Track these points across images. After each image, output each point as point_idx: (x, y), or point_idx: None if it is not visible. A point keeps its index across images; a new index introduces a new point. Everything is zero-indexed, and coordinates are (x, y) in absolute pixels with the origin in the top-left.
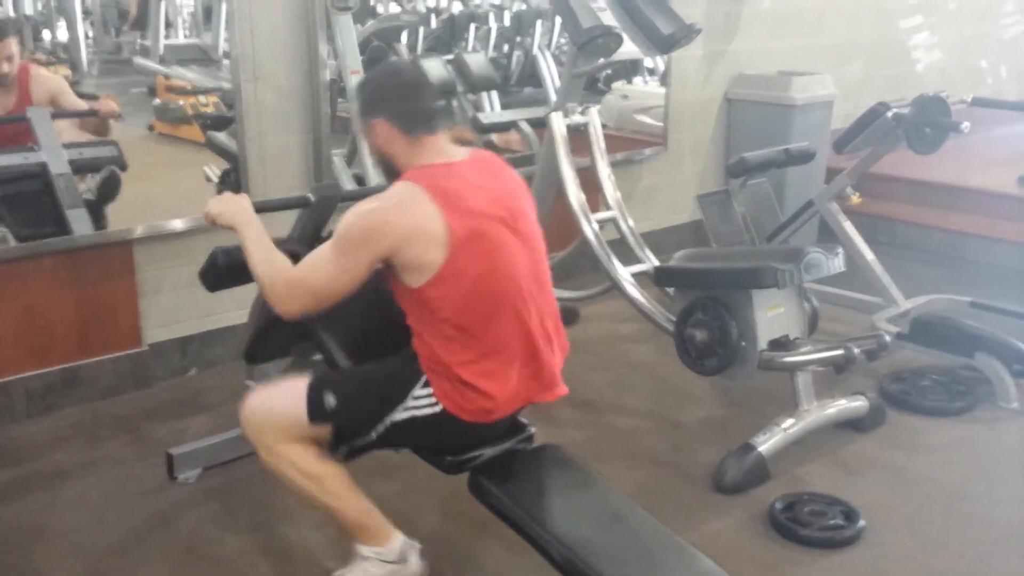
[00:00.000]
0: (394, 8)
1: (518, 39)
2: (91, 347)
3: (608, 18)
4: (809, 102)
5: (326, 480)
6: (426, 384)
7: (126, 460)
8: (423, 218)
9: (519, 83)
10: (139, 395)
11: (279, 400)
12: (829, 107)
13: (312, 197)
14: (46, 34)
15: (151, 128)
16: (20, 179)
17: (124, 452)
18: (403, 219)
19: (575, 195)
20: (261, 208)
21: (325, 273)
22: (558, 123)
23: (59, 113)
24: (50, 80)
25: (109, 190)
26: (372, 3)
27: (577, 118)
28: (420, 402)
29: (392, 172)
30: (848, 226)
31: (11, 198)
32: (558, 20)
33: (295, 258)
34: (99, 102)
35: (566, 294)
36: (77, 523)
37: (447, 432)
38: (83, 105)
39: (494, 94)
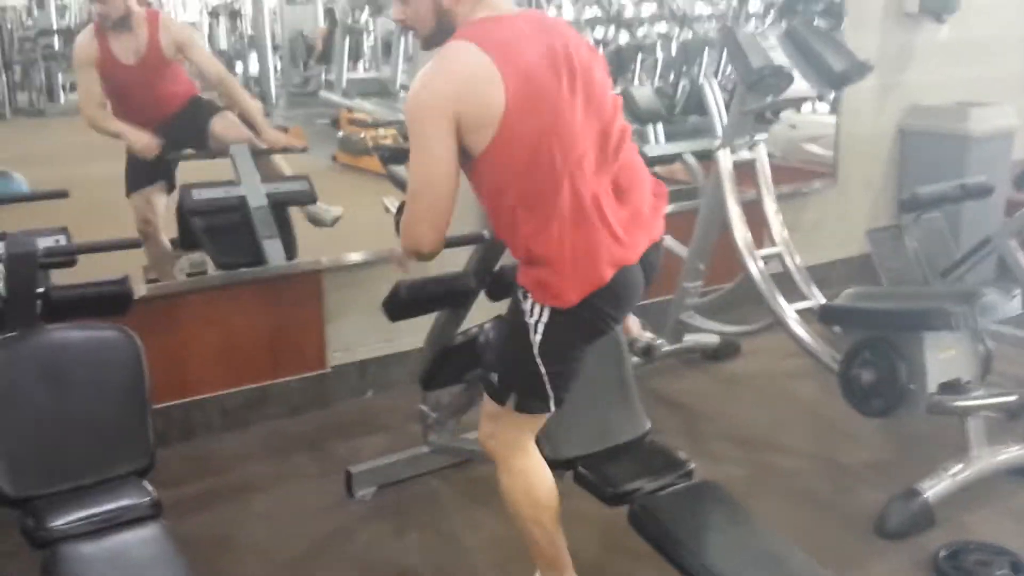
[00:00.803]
0: None
1: (684, 68)
2: (280, 368)
3: (779, 55)
4: (988, 134)
5: (544, 514)
6: (525, 295)
7: (309, 475)
8: (476, 67)
9: (684, 112)
10: (321, 414)
11: (486, 414)
12: (1010, 139)
13: (486, 234)
14: (239, 66)
15: (334, 159)
16: (221, 211)
17: (307, 468)
18: (456, 68)
19: (741, 232)
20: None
21: (421, 168)
22: (725, 159)
23: (260, 151)
24: (178, 30)
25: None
26: None
27: (744, 154)
28: (534, 316)
29: (446, 36)
30: None
31: (213, 228)
32: (725, 48)
33: (466, 294)
34: (288, 134)
35: (728, 328)
36: (262, 534)
37: (574, 328)
38: (212, 64)
39: (659, 124)
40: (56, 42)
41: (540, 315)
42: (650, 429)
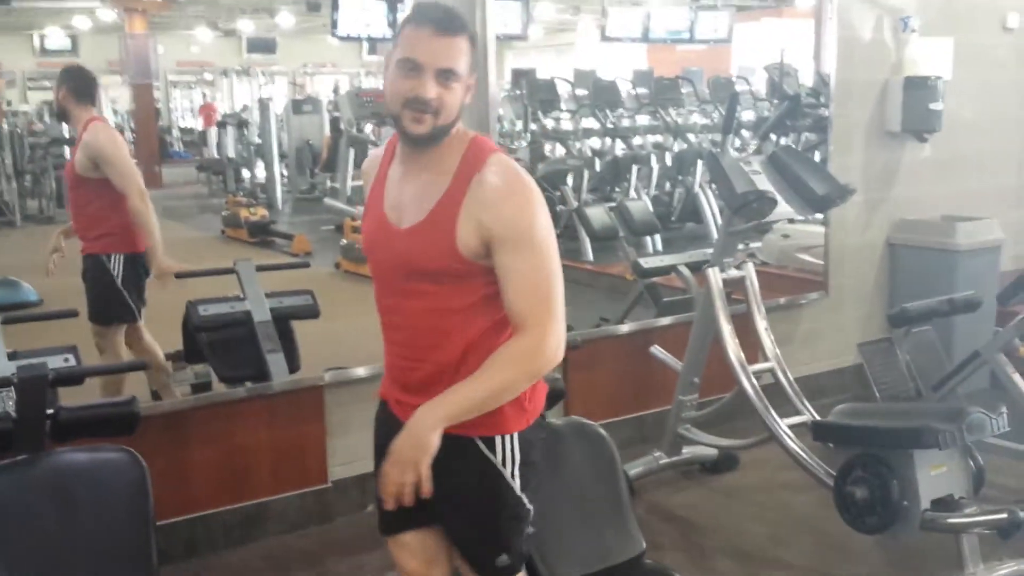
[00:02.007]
0: (560, 150)
1: (680, 178)
2: (282, 483)
3: (762, 180)
4: (975, 247)
5: None
6: (489, 441)
7: None
8: None
9: (681, 219)
10: (323, 529)
11: None
12: (996, 252)
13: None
14: (246, 174)
15: (337, 266)
16: (227, 326)
17: None
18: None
19: (732, 348)
20: None
21: (558, 275)
22: (715, 278)
23: (264, 267)
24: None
25: None
26: (544, 148)
27: (733, 272)
28: (505, 457)
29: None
30: (1018, 378)
31: (218, 343)
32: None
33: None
34: (293, 241)
35: (725, 442)
36: None
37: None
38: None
39: (656, 235)
40: (67, 151)
41: (512, 452)
42: (645, 550)
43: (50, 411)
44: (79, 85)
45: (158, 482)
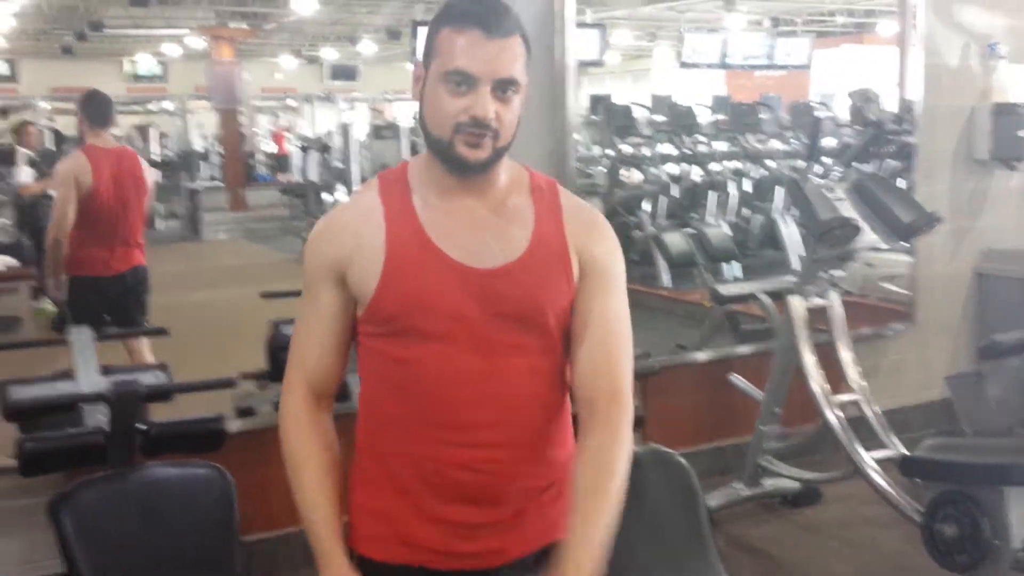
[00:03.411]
0: (637, 176)
1: (758, 204)
2: None
3: (846, 207)
4: None
5: None
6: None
7: None
8: None
9: (759, 246)
10: None
11: None
12: None
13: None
14: (327, 197)
15: None
16: None
17: None
18: None
19: (816, 379)
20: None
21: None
22: (798, 306)
23: None
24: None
25: None
26: (618, 174)
27: (817, 301)
28: None
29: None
30: None
31: None
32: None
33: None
34: None
35: (807, 475)
36: None
37: None
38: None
39: (734, 261)
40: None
41: None
42: None
43: (142, 426)
44: (91, 111)
45: (242, 498)
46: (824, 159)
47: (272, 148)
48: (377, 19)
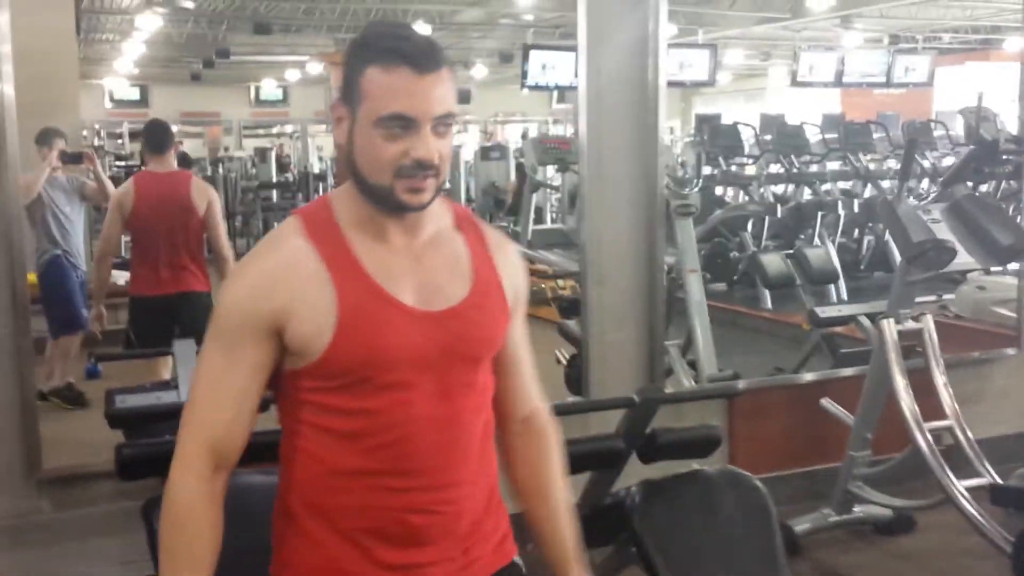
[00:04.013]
0: (742, 195)
1: (869, 225)
2: None
3: (941, 229)
4: None
5: None
6: None
7: None
8: None
9: (869, 268)
10: None
11: None
12: None
13: (636, 398)
14: None
15: None
16: None
17: None
18: None
19: (907, 403)
20: (590, 408)
21: None
22: (889, 330)
23: None
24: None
25: None
26: (720, 193)
27: (910, 324)
28: None
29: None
30: None
31: None
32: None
33: (615, 456)
34: None
35: (898, 502)
36: None
37: None
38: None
39: (838, 283)
40: (274, 195)
41: None
42: None
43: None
44: (149, 139)
45: None
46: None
47: None
48: (489, 43)
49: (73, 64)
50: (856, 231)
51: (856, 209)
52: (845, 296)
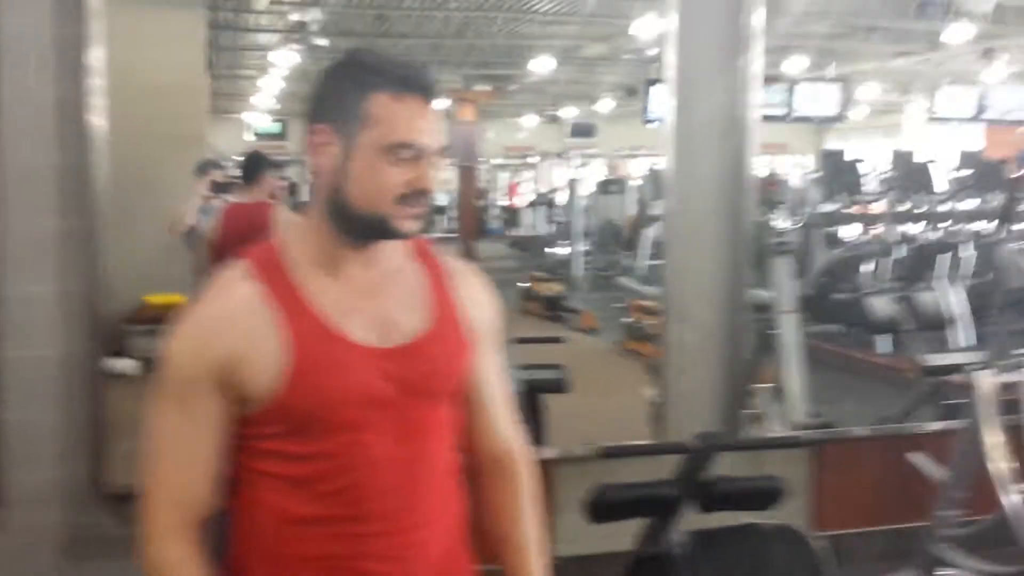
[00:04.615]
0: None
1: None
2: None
3: None
4: None
5: None
6: None
7: None
8: None
9: (1003, 312)
10: None
11: None
12: None
13: (691, 444)
14: (554, 251)
15: (620, 343)
16: None
17: None
18: None
19: (999, 462)
20: (641, 452)
21: None
22: (984, 383)
23: (519, 339)
24: None
25: None
26: (836, 231)
27: (1010, 376)
28: None
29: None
30: None
31: None
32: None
33: (670, 503)
34: (580, 316)
35: (986, 567)
36: None
37: None
38: None
39: (959, 328)
40: None
41: None
42: None
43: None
44: (242, 169)
45: None
46: None
47: (507, 203)
48: (613, 77)
49: (202, 99)
50: (990, 274)
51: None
52: (971, 342)
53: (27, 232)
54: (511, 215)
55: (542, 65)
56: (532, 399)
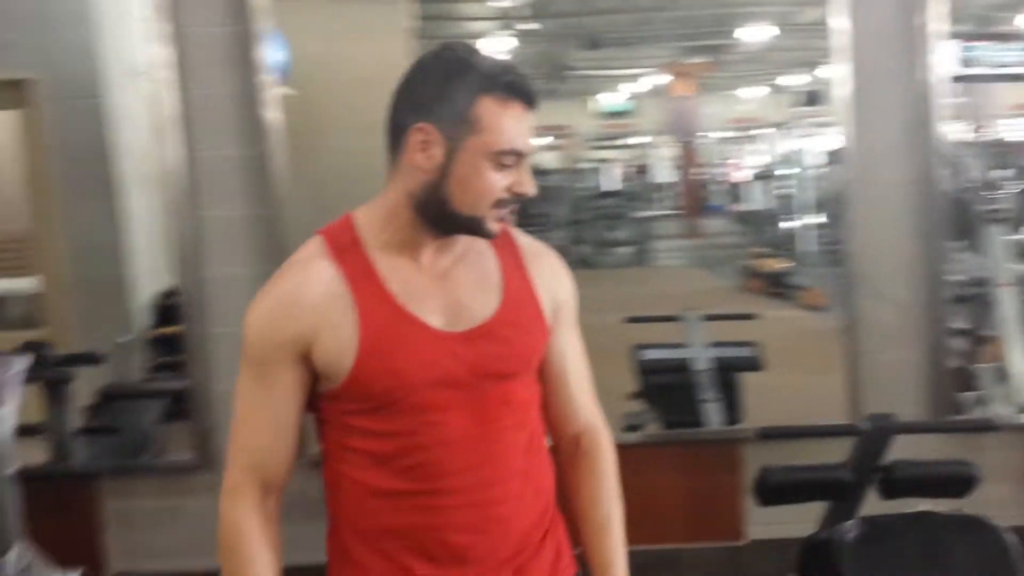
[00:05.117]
0: None
1: None
2: (695, 532)
3: None
4: None
5: None
6: None
7: None
8: None
9: None
10: None
11: None
12: None
13: (861, 425)
14: (781, 225)
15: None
16: (668, 371)
17: None
18: None
19: None
20: (806, 433)
21: None
22: None
23: (713, 316)
24: None
25: None
26: None
27: None
28: None
29: None
30: None
31: (659, 387)
32: None
33: (844, 488)
34: (806, 293)
35: None
36: None
37: None
38: None
39: None
40: (612, 203)
41: None
42: None
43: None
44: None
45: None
46: None
47: (730, 177)
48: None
49: None
50: None
51: None
52: None
53: (219, 218)
54: (734, 189)
55: (758, 33)
56: (725, 377)
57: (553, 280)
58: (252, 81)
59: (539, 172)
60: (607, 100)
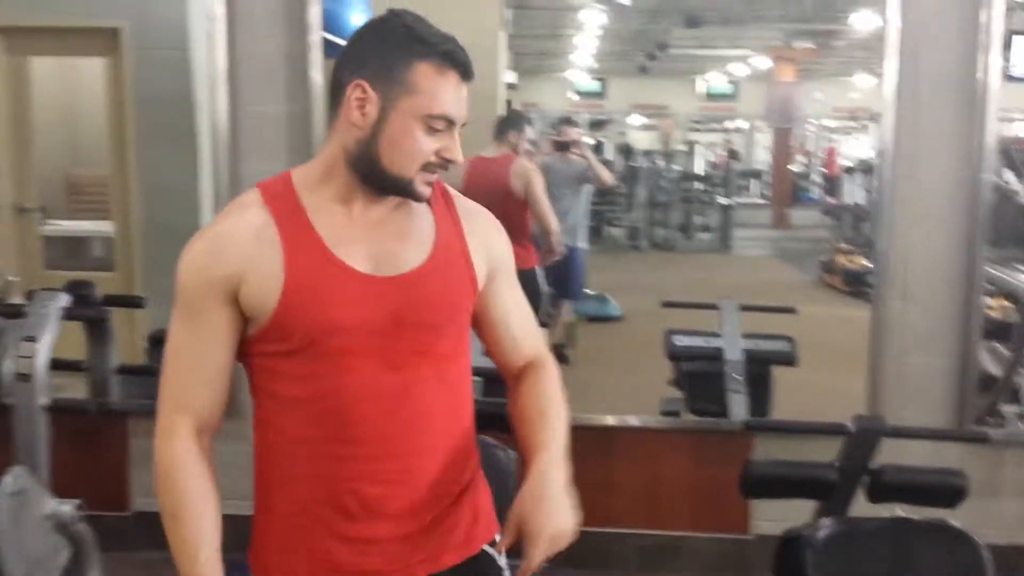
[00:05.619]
0: None
1: None
2: (700, 522)
3: None
4: None
5: None
6: None
7: None
8: None
9: None
10: None
11: None
12: None
13: (850, 425)
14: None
15: None
16: (698, 359)
17: None
18: None
19: None
20: (786, 428)
21: None
22: None
23: (749, 307)
24: None
25: None
26: None
27: None
28: None
29: None
30: None
31: (691, 374)
32: None
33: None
34: None
35: None
36: None
37: None
38: None
39: None
40: (696, 186)
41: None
42: None
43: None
44: (496, 126)
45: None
46: None
47: (827, 169)
48: None
49: (493, 59)
50: None
51: None
52: None
53: (258, 175)
54: (830, 182)
55: (865, 20)
56: (759, 370)
57: (487, 237)
58: (301, 42)
59: (629, 152)
60: (709, 81)
